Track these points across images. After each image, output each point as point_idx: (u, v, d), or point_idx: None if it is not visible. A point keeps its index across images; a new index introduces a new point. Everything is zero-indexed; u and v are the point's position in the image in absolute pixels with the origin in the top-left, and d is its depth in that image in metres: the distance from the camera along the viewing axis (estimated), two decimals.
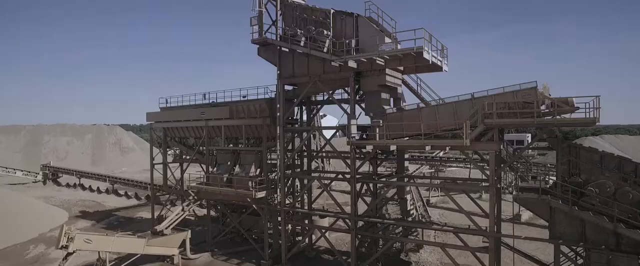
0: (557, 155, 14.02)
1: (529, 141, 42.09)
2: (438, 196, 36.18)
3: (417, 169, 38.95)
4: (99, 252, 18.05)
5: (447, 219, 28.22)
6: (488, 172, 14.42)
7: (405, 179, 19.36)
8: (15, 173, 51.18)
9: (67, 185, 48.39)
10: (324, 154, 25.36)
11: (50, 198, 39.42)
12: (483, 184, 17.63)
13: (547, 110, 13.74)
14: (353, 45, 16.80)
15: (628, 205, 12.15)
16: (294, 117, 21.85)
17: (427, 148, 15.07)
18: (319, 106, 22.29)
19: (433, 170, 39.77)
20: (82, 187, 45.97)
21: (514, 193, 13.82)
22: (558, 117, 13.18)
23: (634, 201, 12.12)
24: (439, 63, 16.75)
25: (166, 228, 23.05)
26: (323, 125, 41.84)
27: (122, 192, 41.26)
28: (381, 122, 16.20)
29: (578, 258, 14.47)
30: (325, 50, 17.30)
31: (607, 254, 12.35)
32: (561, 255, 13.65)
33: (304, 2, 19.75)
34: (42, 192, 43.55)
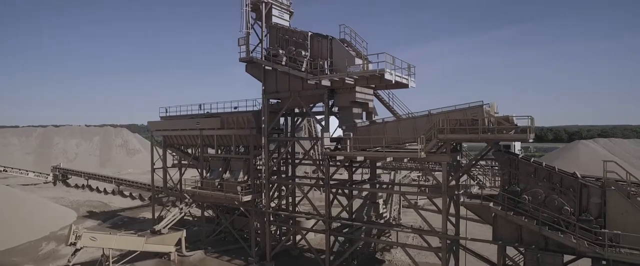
0: (499, 167, 15.84)
1: (515, 146, 43.61)
2: (425, 198, 37.97)
3: (406, 175, 40.72)
4: (103, 249, 20.31)
5: (430, 221, 30.03)
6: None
7: (377, 185, 21.28)
8: (27, 174, 54.06)
9: (76, 186, 51.05)
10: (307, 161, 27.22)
11: (60, 198, 41.97)
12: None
13: (493, 127, 15.57)
14: (327, 65, 18.84)
15: (554, 211, 13.98)
16: (280, 127, 23.86)
17: (389, 159, 16.98)
18: (301, 117, 24.24)
19: (420, 174, 41.44)
20: (90, 188, 48.55)
21: (462, 199, 15.69)
22: (504, 132, 15.02)
23: (559, 207, 13.94)
24: (405, 81, 18.69)
25: (164, 228, 25.21)
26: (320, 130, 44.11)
27: (127, 193, 43.73)
28: (351, 134, 18.20)
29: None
30: (303, 69, 19.36)
31: (536, 253, 14.21)
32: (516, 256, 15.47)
33: (286, 25, 21.85)
34: (52, 193, 46.18)
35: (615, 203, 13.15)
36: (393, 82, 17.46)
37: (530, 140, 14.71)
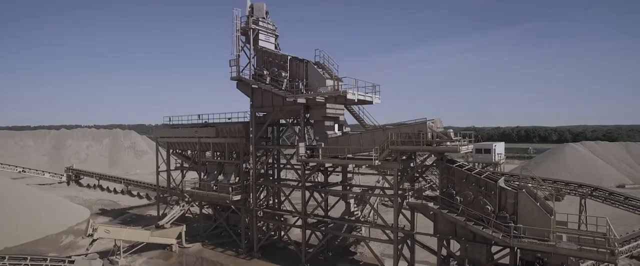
0: (439, 174, 19.00)
1: (495, 149, 46.37)
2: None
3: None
4: (115, 240, 23.90)
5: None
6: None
7: (348, 187, 24.55)
8: (43, 174, 58.25)
9: (88, 186, 55.00)
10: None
11: (74, 197, 45.83)
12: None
13: (437, 139, 18.72)
14: (302, 85, 22.18)
15: (480, 210, 17.11)
16: (267, 136, 27.20)
17: (350, 165, 20.24)
18: (284, 128, 27.58)
19: None
20: (101, 188, 52.42)
21: (407, 200, 18.89)
22: (447, 144, 18.15)
23: (483, 206, 17.08)
24: (368, 99, 21.96)
25: (167, 223, 28.73)
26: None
27: (135, 193, 47.49)
28: (323, 144, 21.51)
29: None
30: (283, 88, 22.74)
31: (465, 243, 17.39)
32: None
33: (272, 47, 25.24)
34: (66, 192, 50.10)
35: (524, 203, 16.27)
36: (355, 100, 20.77)
37: (462, 152, 17.89)
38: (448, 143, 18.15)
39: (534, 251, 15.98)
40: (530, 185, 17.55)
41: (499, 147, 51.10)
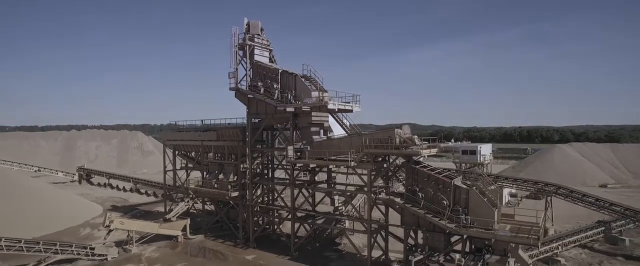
0: (405, 173, 22.05)
1: (480, 150, 49.20)
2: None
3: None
4: (128, 231, 27.23)
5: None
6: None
7: (333, 185, 27.69)
8: (57, 173, 62.02)
9: (99, 185, 58.61)
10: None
11: (87, 195, 49.37)
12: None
13: (403, 144, 21.77)
14: (291, 95, 25.33)
15: (438, 204, 20.13)
16: (263, 139, 30.37)
17: (331, 167, 23.37)
18: (277, 132, 30.75)
19: None
20: (111, 186, 55.98)
21: (379, 196, 21.96)
22: (411, 148, 21.19)
23: (440, 201, 20.10)
24: (348, 107, 25.11)
25: (173, 217, 32.02)
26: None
27: (143, 191, 50.97)
28: (309, 147, 24.66)
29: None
30: (274, 97, 25.92)
31: (426, 233, 20.45)
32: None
33: (266, 61, 28.42)
34: (79, 190, 53.70)
35: (474, 198, 19.25)
36: (336, 110, 23.90)
37: (423, 156, 20.93)
38: (412, 147, 21.23)
39: (481, 239, 19.00)
40: (479, 183, 20.46)
41: (485, 148, 53.87)
